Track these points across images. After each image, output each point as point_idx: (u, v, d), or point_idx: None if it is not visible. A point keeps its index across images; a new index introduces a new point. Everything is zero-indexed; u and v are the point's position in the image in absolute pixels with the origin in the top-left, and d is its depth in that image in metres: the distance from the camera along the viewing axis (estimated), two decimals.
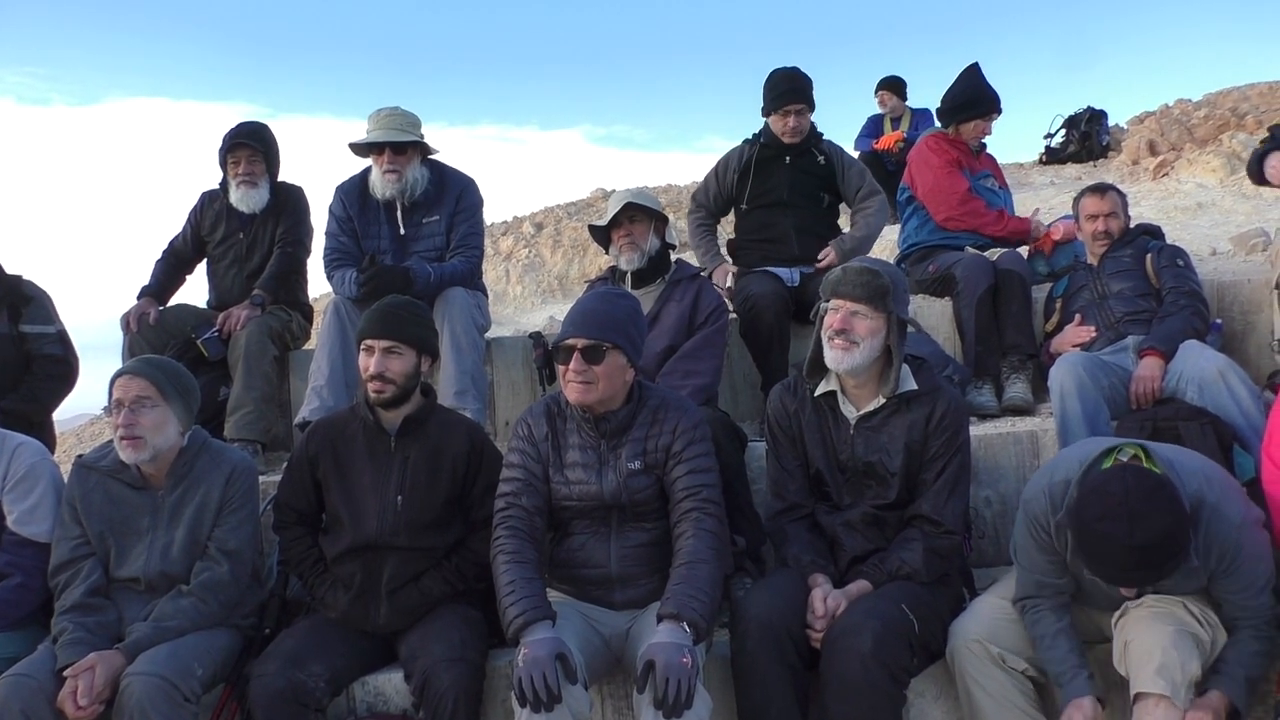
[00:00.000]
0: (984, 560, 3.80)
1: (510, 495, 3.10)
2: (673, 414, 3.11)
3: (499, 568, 2.98)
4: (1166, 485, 2.48)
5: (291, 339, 4.95)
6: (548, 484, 3.12)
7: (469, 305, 4.49)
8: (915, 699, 3.07)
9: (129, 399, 3.23)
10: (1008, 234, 5.02)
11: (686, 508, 3.02)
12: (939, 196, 5.01)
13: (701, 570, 2.91)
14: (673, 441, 3.07)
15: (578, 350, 3.00)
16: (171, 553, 3.26)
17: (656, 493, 3.10)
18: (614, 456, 3.09)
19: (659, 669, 2.66)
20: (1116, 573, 2.56)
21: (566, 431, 3.14)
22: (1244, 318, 4.55)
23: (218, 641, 3.22)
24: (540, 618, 2.83)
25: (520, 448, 3.15)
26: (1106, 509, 2.46)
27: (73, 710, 2.91)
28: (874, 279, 3.07)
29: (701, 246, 5.09)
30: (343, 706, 3.23)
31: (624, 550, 3.11)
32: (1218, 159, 8.90)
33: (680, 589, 2.86)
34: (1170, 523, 2.44)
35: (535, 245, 10.34)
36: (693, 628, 2.79)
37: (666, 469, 3.08)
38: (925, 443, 3.11)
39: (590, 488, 3.08)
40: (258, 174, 4.82)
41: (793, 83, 4.78)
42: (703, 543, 2.96)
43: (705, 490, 3.04)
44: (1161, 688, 2.61)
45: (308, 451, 3.37)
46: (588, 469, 3.09)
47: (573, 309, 3.15)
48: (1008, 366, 4.52)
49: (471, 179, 4.75)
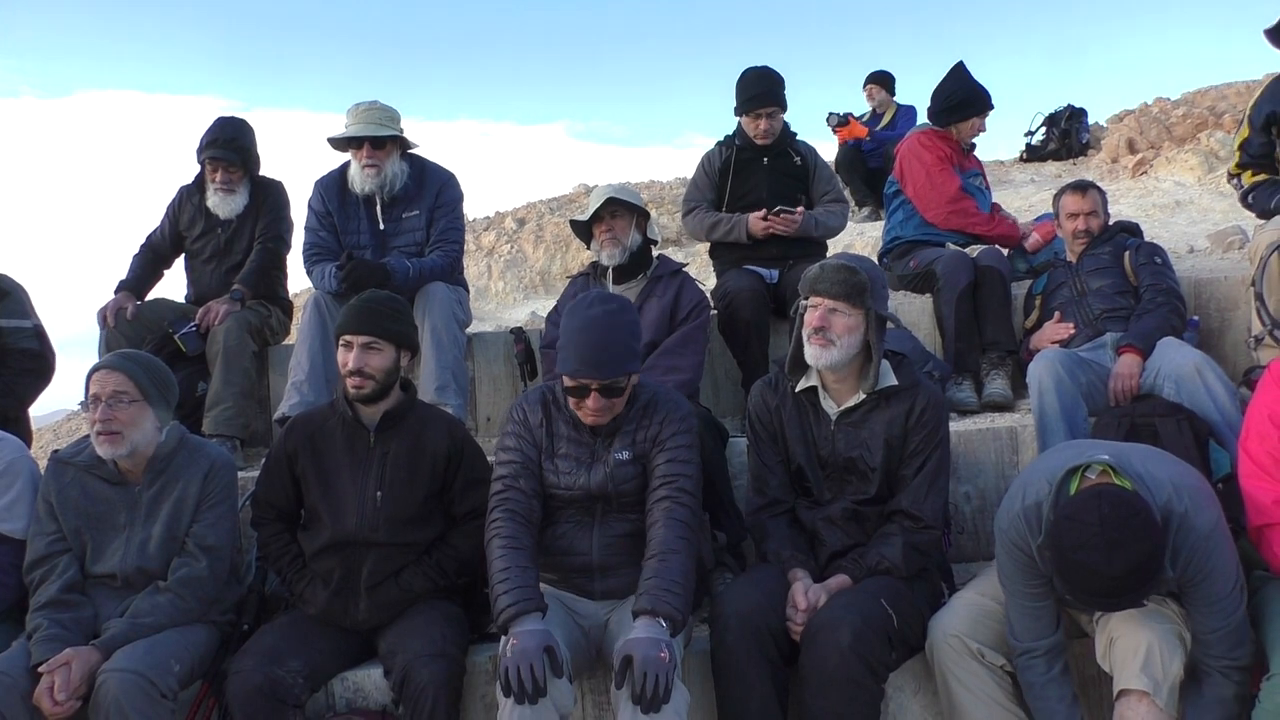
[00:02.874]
0: (963, 556, 3.82)
1: (508, 478, 3.09)
2: (663, 407, 3.13)
3: (494, 552, 2.96)
4: (1141, 509, 2.47)
5: (271, 334, 4.92)
6: (541, 469, 3.12)
7: (450, 300, 4.48)
8: (894, 693, 3.09)
9: (106, 394, 3.21)
10: (995, 236, 5.04)
11: (660, 495, 3.02)
12: (930, 195, 5.01)
13: (673, 561, 2.91)
14: (660, 430, 3.09)
15: (595, 390, 2.98)
16: (149, 548, 3.24)
17: (643, 484, 3.10)
18: (605, 450, 3.10)
19: (637, 664, 2.66)
20: (1097, 600, 2.57)
21: (560, 422, 3.15)
22: (1221, 315, 4.59)
23: (195, 638, 3.20)
24: (531, 609, 2.82)
25: (516, 432, 3.15)
26: (1084, 539, 2.45)
27: (49, 707, 2.89)
28: (851, 276, 3.08)
29: (717, 219, 4.83)
30: (322, 702, 3.21)
31: (607, 539, 3.11)
32: (1195, 157, 8.95)
33: (653, 583, 2.86)
34: (1147, 549, 2.44)
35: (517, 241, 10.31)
36: (669, 621, 2.79)
37: (651, 456, 3.09)
38: (905, 438, 3.13)
39: (578, 479, 3.09)
40: (236, 181, 4.81)
41: (763, 85, 4.75)
42: (673, 532, 2.96)
43: (681, 480, 3.04)
44: (1144, 684, 2.63)
45: (286, 447, 3.35)
46: (578, 462, 3.10)
47: (575, 335, 3.01)
48: (987, 363, 4.54)
49: (451, 173, 4.74)
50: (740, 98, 4.80)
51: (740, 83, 4.81)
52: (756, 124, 4.77)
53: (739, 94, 4.81)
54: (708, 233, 4.92)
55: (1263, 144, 4.23)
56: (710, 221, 4.86)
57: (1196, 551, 2.59)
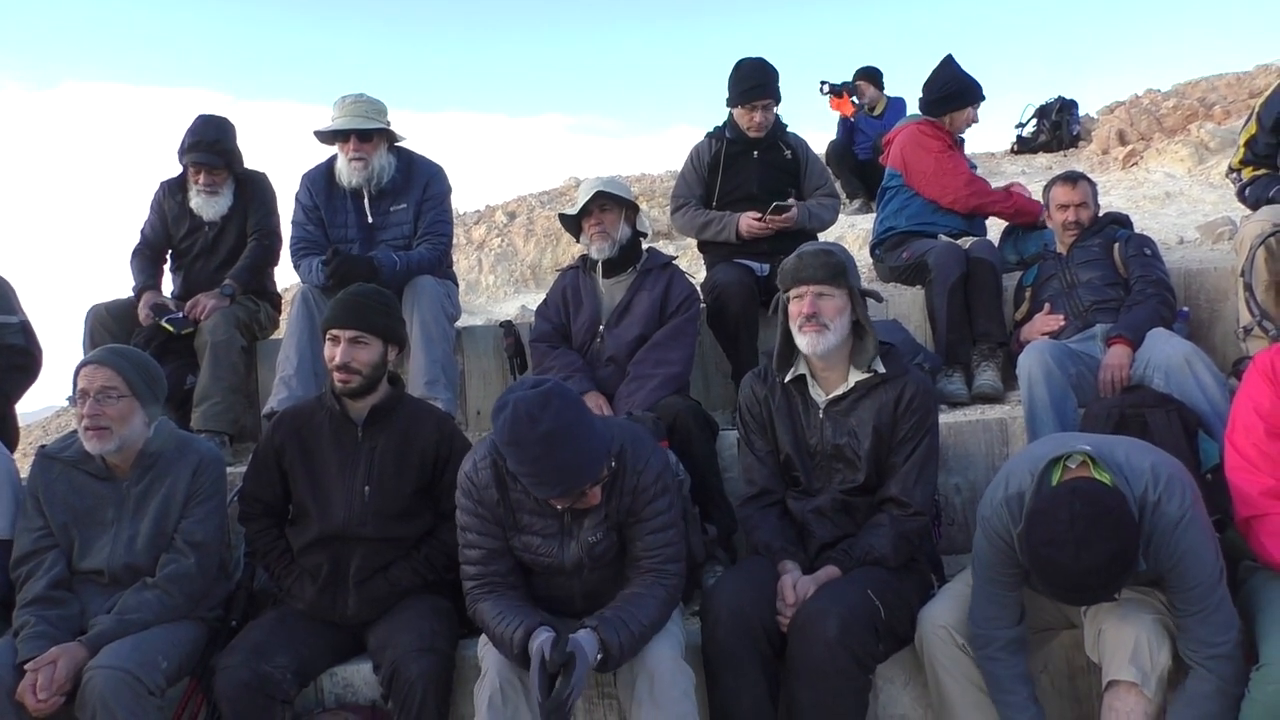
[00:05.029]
0: (953, 547, 3.82)
1: (478, 564, 2.99)
2: (630, 473, 2.93)
3: (485, 613, 2.90)
4: (1114, 508, 2.48)
5: (259, 329, 4.91)
6: (508, 543, 3.01)
7: (438, 294, 4.47)
8: (884, 685, 3.09)
9: (94, 389, 3.19)
10: (1014, 211, 5.04)
11: (645, 568, 2.97)
12: (944, 179, 4.99)
13: (647, 607, 2.87)
14: (634, 502, 2.95)
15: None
16: (136, 544, 3.23)
17: (621, 548, 3.03)
18: (576, 526, 2.97)
19: (575, 674, 2.64)
20: (1064, 594, 2.60)
21: (517, 492, 2.95)
22: (1210, 305, 4.59)
23: (183, 634, 3.19)
24: (536, 625, 2.80)
25: (474, 511, 2.98)
26: (1053, 535, 2.47)
27: (32, 703, 2.88)
28: (829, 258, 3.11)
29: (708, 219, 4.81)
30: (311, 698, 3.21)
31: (589, 587, 3.04)
32: (1186, 149, 8.96)
33: (615, 613, 2.84)
34: (1115, 548, 2.45)
35: (508, 234, 10.28)
36: (604, 652, 2.76)
37: (627, 525, 2.99)
38: (894, 426, 3.13)
39: (550, 553, 2.98)
40: (219, 183, 4.77)
41: (759, 77, 4.72)
42: (655, 598, 2.90)
43: (666, 550, 2.96)
44: (1132, 675, 2.64)
45: (274, 441, 3.34)
46: (547, 538, 2.97)
47: (533, 464, 2.76)
48: (978, 355, 4.54)
49: (439, 166, 4.72)
50: (735, 89, 4.77)
51: (734, 74, 4.78)
52: (751, 116, 4.74)
53: (733, 85, 4.78)
54: (697, 232, 4.91)
55: (1269, 144, 4.23)
56: (700, 221, 4.83)
57: (1166, 538, 2.60)
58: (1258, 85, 9.92)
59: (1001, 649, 2.82)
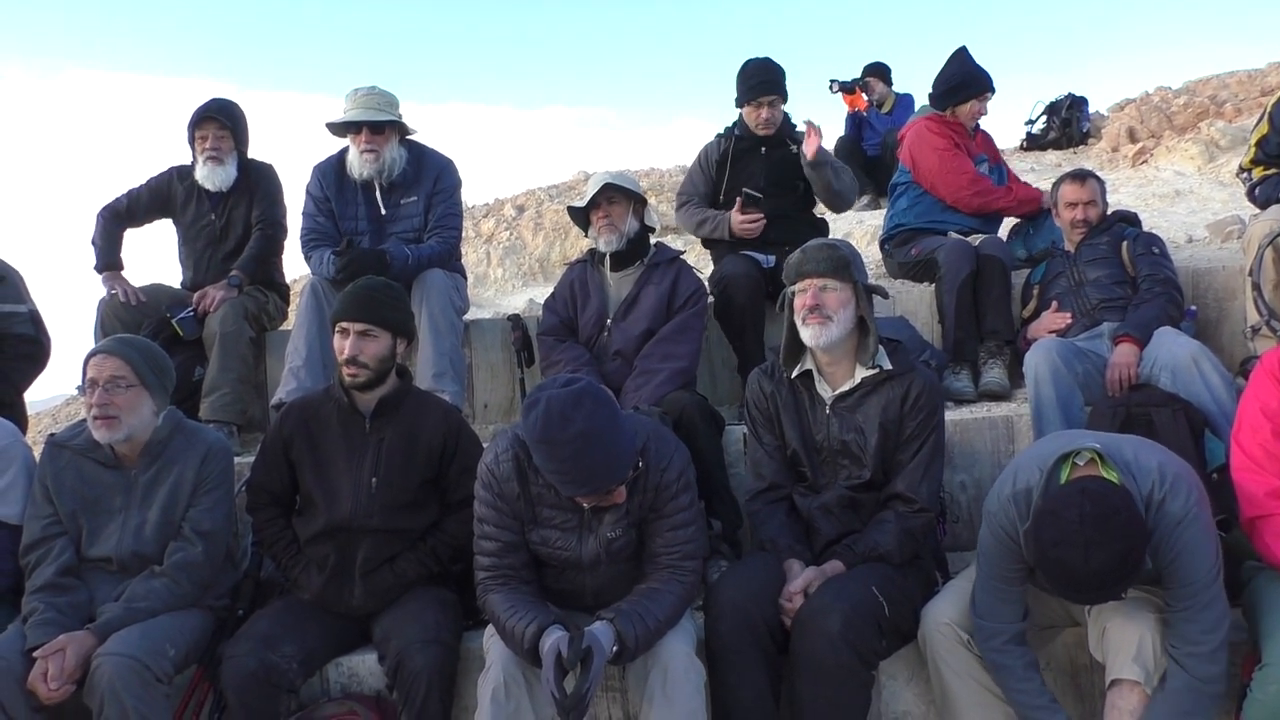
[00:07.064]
0: (959, 544, 3.82)
1: (493, 555, 2.98)
2: (654, 470, 2.93)
3: (496, 605, 2.90)
4: (1123, 508, 2.48)
5: (268, 320, 4.92)
6: (525, 537, 3.00)
7: (447, 287, 4.48)
8: (887, 681, 3.10)
9: (103, 378, 3.21)
10: (1018, 204, 5.04)
11: (663, 564, 2.97)
12: (946, 178, 4.99)
13: (663, 603, 2.88)
14: (656, 499, 2.95)
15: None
16: (144, 532, 3.25)
17: (638, 545, 3.03)
18: (596, 521, 2.96)
19: (593, 668, 2.65)
20: (1073, 594, 2.60)
21: (537, 485, 2.95)
22: (1218, 305, 4.58)
23: (191, 622, 3.21)
24: (549, 623, 2.80)
25: (493, 503, 2.97)
26: (1062, 535, 2.47)
27: (44, 691, 2.91)
28: (834, 252, 3.12)
29: (704, 216, 4.85)
30: (316, 688, 3.23)
31: (601, 583, 3.04)
32: (1196, 146, 8.91)
33: (632, 606, 2.85)
34: (1124, 548, 2.45)
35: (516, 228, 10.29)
36: (620, 645, 2.77)
37: (647, 521, 2.99)
38: (901, 422, 3.13)
39: (568, 548, 2.98)
40: (224, 150, 4.75)
41: (766, 74, 4.74)
42: (672, 594, 2.91)
43: (685, 546, 2.97)
44: (1136, 674, 2.65)
45: (281, 432, 3.36)
46: (566, 532, 2.97)
47: (563, 464, 2.75)
48: (985, 352, 4.53)
49: (450, 160, 4.73)
50: (742, 87, 4.79)
51: (742, 73, 4.80)
52: (758, 113, 4.76)
53: (740, 84, 4.80)
54: (695, 229, 4.96)
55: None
56: (698, 219, 4.88)
57: (1167, 535, 2.60)
58: (1270, 83, 9.86)
59: (1008, 641, 2.82)
